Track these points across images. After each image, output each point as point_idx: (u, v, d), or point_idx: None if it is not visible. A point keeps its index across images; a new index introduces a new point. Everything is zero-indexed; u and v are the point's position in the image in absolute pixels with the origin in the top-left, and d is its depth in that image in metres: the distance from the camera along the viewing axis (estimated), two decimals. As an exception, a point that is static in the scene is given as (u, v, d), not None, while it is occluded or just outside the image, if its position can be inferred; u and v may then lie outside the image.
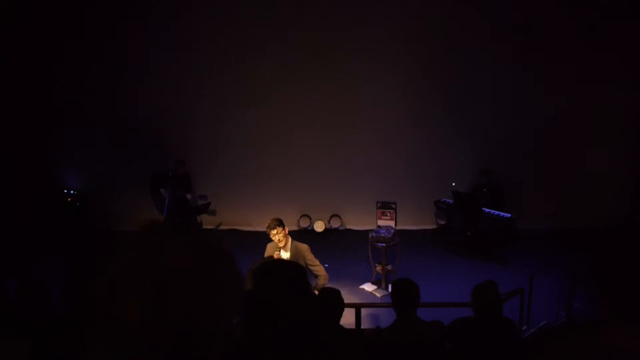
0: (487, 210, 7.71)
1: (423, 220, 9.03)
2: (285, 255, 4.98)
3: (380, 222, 6.98)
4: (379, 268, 6.85)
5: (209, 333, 0.77)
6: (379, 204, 7.02)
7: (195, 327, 0.74)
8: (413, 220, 8.84)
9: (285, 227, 5.01)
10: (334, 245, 8.36)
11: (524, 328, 5.26)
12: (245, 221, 9.13)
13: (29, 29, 8.33)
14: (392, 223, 6.92)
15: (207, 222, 9.11)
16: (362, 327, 4.74)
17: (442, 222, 8.92)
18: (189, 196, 8.33)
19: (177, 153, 8.39)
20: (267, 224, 5.00)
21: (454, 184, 8.22)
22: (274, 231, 4.92)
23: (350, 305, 4.02)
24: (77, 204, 8.93)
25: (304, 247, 5.05)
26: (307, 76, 8.57)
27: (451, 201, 8.30)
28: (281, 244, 4.95)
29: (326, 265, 7.28)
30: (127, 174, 8.70)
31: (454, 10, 8.26)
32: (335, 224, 9.15)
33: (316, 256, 5.11)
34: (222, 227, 9.21)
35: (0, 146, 8.75)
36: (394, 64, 8.48)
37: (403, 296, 3.17)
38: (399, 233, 7.05)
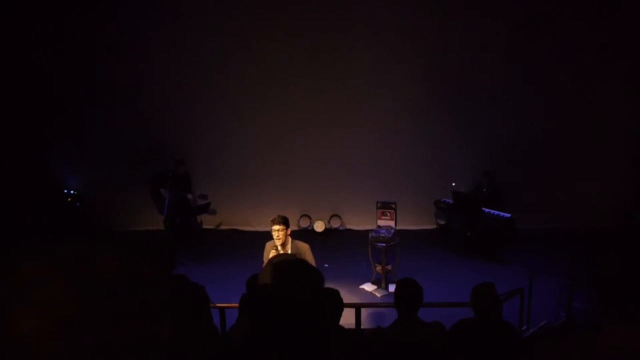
0: (487, 210, 7.71)
1: (423, 220, 9.03)
2: (285, 254, 4.98)
3: (380, 222, 6.98)
4: (379, 268, 6.85)
5: None
6: (379, 204, 7.01)
7: None
8: (413, 220, 8.84)
9: (289, 228, 5.02)
10: (334, 245, 8.37)
11: (524, 328, 5.26)
12: (245, 221, 9.13)
13: (29, 29, 8.33)
14: (392, 223, 6.92)
15: (207, 222, 9.12)
16: (362, 327, 4.74)
17: (442, 222, 8.91)
18: (189, 196, 8.31)
19: (177, 153, 8.39)
20: (272, 218, 5.00)
21: (454, 184, 8.22)
22: (277, 227, 4.91)
23: (350, 305, 4.02)
24: (77, 204, 8.93)
25: (305, 247, 5.05)
26: (307, 76, 8.57)
27: (451, 201, 8.30)
28: (278, 242, 4.94)
29: (326, 265, 7.31)
30: (127, 174, 8.70)
31: (454, 11, 8.27)
32: (335, 224, 9.15)
33: (316, 256, 5.11)
34: (222, 227, 9.22)
35: (0, 146, 8.74)
36: (395, 64, 8.48)
37: (406, 296, 3.16)
38: (399, 233, 7.04)
